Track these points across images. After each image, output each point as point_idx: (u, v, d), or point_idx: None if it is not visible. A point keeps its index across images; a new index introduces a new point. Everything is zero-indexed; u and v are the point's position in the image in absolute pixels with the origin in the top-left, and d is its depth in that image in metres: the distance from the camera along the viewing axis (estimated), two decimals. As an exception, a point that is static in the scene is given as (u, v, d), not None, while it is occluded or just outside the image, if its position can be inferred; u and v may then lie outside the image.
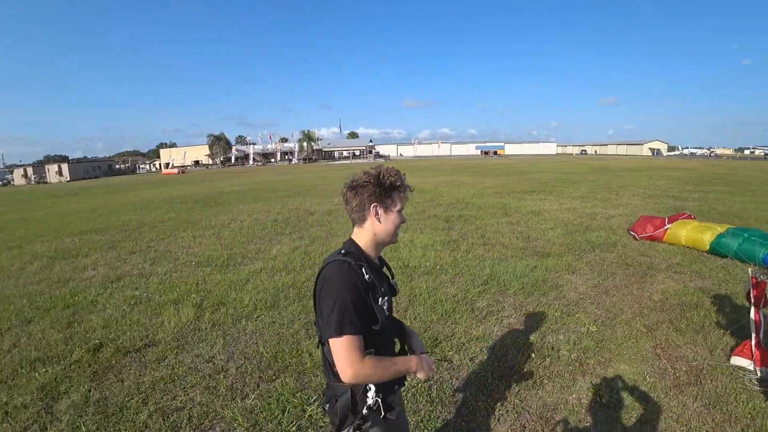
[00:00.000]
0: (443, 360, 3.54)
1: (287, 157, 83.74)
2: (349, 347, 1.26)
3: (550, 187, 17.05)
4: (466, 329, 4.09)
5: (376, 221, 1.44)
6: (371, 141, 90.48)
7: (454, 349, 3.71)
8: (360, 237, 1.48)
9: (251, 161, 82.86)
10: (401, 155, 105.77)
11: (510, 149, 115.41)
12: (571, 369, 3.37)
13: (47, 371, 3.51)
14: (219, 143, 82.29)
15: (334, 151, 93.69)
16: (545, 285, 5.20)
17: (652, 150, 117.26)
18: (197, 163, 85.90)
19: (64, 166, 67.19)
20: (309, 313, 4.51)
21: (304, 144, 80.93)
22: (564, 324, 4.17)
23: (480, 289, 5.08)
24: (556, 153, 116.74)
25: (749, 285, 3.26)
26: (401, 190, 1.47)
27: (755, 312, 3.17)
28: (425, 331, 4.04)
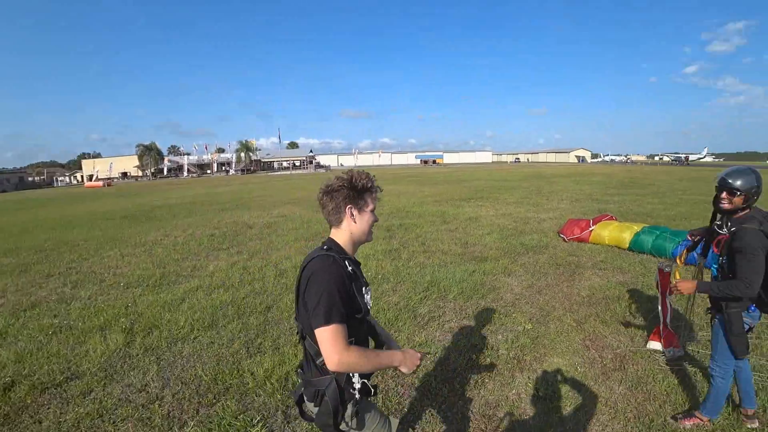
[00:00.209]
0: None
1: (224, 169, 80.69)
2: (336, 335, 1.35)
3: (486, 194, 18.12)
4: (409, 336, 4.21)
5: (351, 222, 1.58)
6: (312, 151, 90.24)
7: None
8: (338, 237, 1.61)
9: (186, 173, 78.60)
10: (342, 165, 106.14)
11: (448, 158, 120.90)
12: (510, 366, 3.61)
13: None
14: (150, 154, 76.79)
15: (273, 162, 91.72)
16: (483, 288, 5.50)
17: (578, 157, 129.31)
18: (125, 175, 79.53)
19: (-42, 179, 58.89)
20: (249, 331, 4.41)
21: (242, 154, 78.46)
22: (502, 324, 4.45)
23: (421, 296, 5.25)
24: (492, 161, 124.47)
25: (657, 276, 3.73)
26: (373, 191, 1.63)
27: (662, 300, 3.63)
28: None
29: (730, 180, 2.38)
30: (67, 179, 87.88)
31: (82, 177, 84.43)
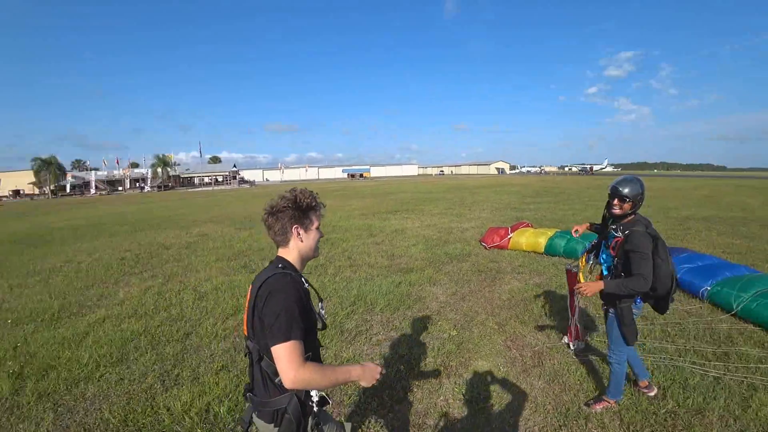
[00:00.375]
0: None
1: (139, 185, 73.74)
2: (294, 351, 1.39)
3: (412, 206, 18.70)
4: (336, 353, 4.18)
5: (299, 241, 1.64)
6: (235, 166, 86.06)
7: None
8: (287, 255, 1.66)
9: (93, 190, 70.14)
10: (267, 180, 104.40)
11: (375, 172, 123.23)
12: (437, 374, 3.73)
13: None
14: (48, 168, 67.25)
15: (194, 177, 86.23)
16: (410, 299, 5.65)
17: (498, 169, 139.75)
18: (17, 194, 68.77)
19: None
20: (165, 362, 4.09)
21: (158, 169, 72.41)
22: (428, 333, 4.59)
23: (348, 311, 5.24)
24: (417, 174, 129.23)
25: (567, 277, 4.12)
26: (317, 209, 1.70)
27: (570, 299, 4.02)
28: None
29: (620, 188, 2.74)
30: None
31: (-39, 195, 72.05)
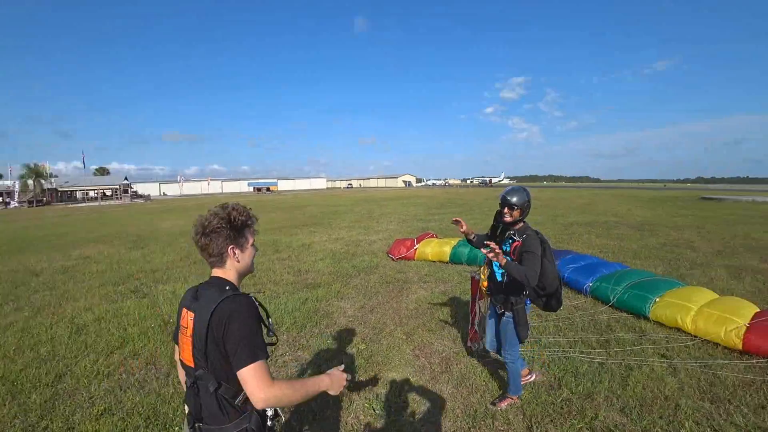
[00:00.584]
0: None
1: (4, 200, 61.86)
2: (262, 371, 1.41)
3: (319, 220, 18.55)
4: (235, 381, 3.89)
5: (235, 261, 1.63)
6: (126, 179, 76.58)
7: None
8: (225, 275, 1.63)
9: None
10: (165, 194, 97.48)
11: (283, 185, 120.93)
12: (347, 391, 3.65)
13: None
14: None
15: (76, 191, 74.92)
16: (317, 315, 5.52)
17: (405, 182, 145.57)
18: None
19: None
20: (30, 413, 3.44)
21: (29, 182, 61.44)
22: (337, 349, 4.52)
23: (250, 334, 4.95)
24: (326, 187, 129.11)
25: (471, 283, 4.35)
26: (251, 225, 1.68)
27: (472, 303, 4.25)
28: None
29: (509, 197, 3.04)
30: None
31: None
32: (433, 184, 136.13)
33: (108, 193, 72.10)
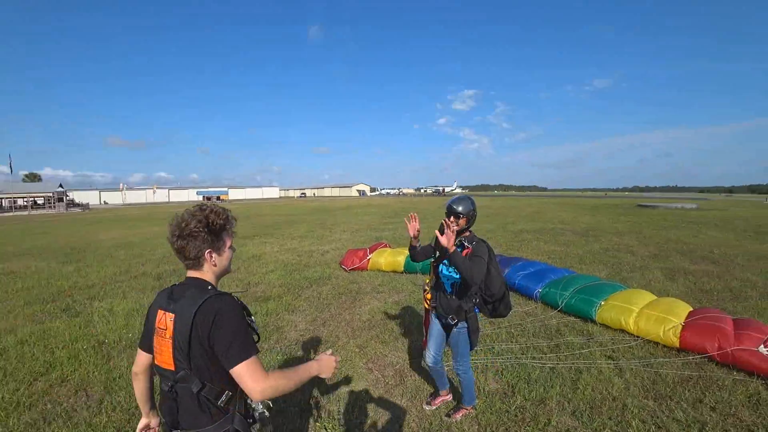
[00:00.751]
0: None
1: None
2: (256, 366, 1.43)
3: (271, 230, 18.06)
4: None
5: (212, 265, 1.60)
6: (62, 186, 70.32)
7: None
8: (204, 276, 1.60)
9: None
10: (106, 203, 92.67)
11: (234, 194, 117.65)
12: (299, 412, 3.48)
13: None
14: None
15: (1, 199, 68.11)
16: (266, 330, 5.29)
17: (359, 191, 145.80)
18: None
19: None
20: None
21: None
22: (288, 367, 4.31)
23: (192, 353, 4.65)
24: (279, 196, 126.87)
25: (423, 293, 4.33)
26: (229, 228, 1.64)
27: (426, 314, 4.22)
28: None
29: (454, 206, 3.06)
30: None
31: None
32: (388, 193, 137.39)
33: (40, 202, 66.54)
